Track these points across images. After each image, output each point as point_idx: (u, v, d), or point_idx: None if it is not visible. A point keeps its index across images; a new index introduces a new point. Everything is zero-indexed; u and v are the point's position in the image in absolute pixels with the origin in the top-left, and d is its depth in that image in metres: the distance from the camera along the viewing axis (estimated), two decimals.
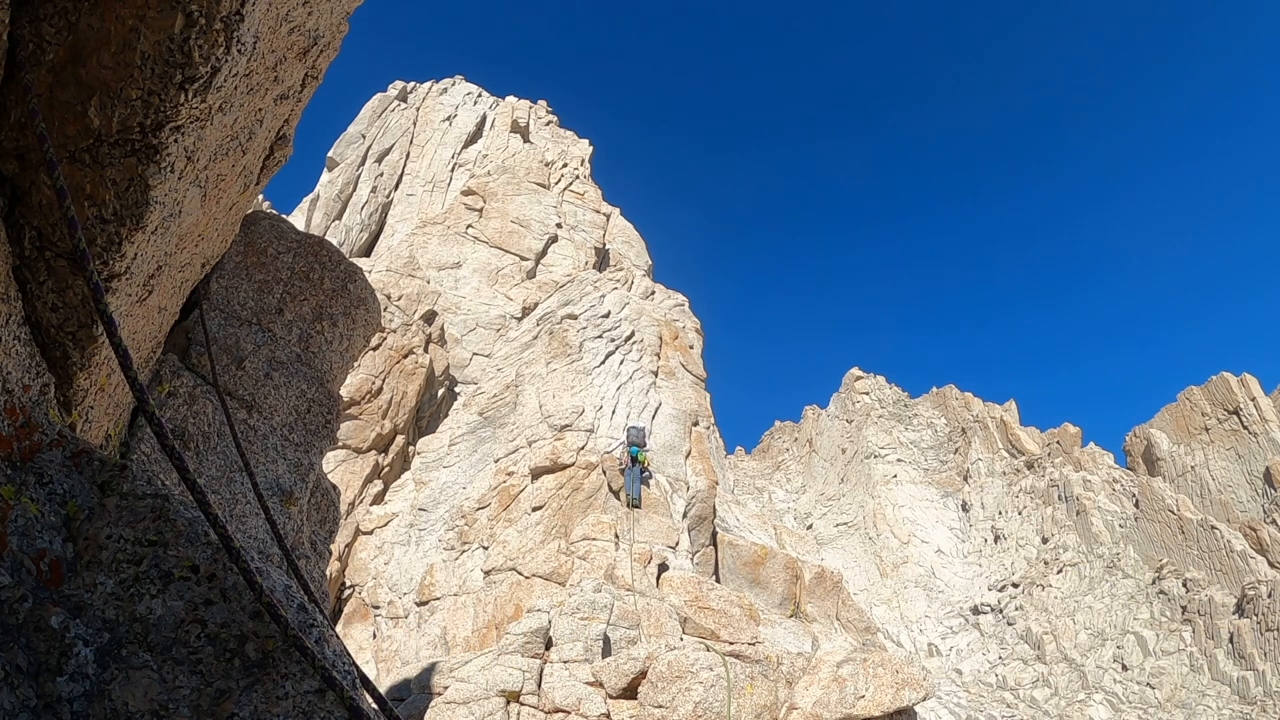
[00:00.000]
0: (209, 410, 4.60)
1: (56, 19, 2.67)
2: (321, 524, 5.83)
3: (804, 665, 11.86)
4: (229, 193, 3.82)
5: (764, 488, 59.43)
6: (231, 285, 5.40)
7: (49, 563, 2.05)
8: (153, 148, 2.81)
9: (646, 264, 37.10)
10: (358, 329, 6.15)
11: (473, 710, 10.23)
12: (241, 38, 2.81)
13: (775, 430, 72.37)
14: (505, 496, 17.03)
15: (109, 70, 2.67)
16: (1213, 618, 34.67)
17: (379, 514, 19.21)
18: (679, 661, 10.70)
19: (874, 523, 50.99)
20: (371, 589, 17.36)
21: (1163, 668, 34.22)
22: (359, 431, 19.71)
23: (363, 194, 37.31)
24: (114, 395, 3.58)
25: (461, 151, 40.87)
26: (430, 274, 28.07)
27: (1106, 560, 41.49)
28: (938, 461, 56.45)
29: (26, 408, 2.43)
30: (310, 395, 5.51)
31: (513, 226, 31.97)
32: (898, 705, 11.09)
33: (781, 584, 16.07)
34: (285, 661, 2.00)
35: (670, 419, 19.37)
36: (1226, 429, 44.62)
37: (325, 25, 3.82)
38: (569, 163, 39.10)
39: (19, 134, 2.73)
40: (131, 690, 1.87)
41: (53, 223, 2.84)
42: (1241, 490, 42.29)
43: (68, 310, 2.97)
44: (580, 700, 10.44)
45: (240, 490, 4.58)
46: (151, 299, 3.59)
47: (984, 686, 35.57)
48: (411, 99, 43.64)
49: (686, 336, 24.76)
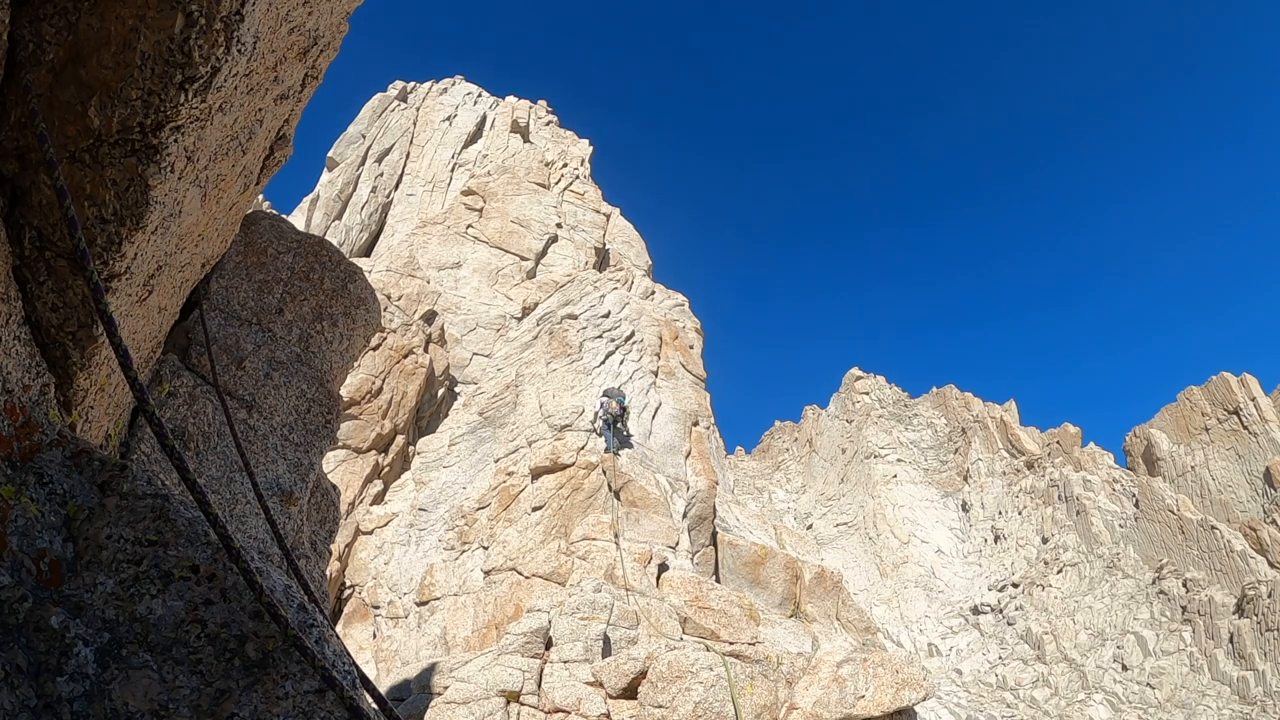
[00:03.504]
0: (209, 410, 4.60)
1: (56, 19, 2.67)
2: (321, 524, 5.83)
3: (804, 665, 11.86)
4: (229, 193, 3.82)
5: (764, 488, 59.42)
6: (231, 285, 5.40)
7: (49, 563, 2.05)
8: (153, 148, 2.81)
9: (646, 264, 37.08)
10: (358, 329, 6.15)
11: (473, 710, 10.23)
12: (241, 38, 2.81)
13: (775, 430, 72.36)
14: (505, 496, 17.03)
15: (109, 70, 2.67)
16: (1213, 618, 34.66)
17: (379, 514, 19.20)
18: (679, 661, 10.70)
19: (874, 523, 50.98)
20: (371, 589, 17.36)
21: (1163, 668, 34.21)
22: (359, 431, 19.71)
23: (363, 194, 37.30)
24: (114, 395, 3.58)
25: (461, 151, 40.86)
26: (430, 274, 28.06)
27: (1106, 560, 41.48)
28: (938, 461, 56.44)
29: (26, 408, 2.43)
30: (310, 395, 5.50)
31: (513, 226, 31.96)
32: (898, 705, 11.09)
33: (781, 584, 16.07)
34: (285, 661, 2.00)
35: (670, 419, 19.36)
36: (1226, 429, 44.62)
37: (325, 25, 3.82)
38: (569, 163, 39.08)
39: (19, 134, 2.73)
40: (131, 690, 1.87)
41: (53, 223, 2.84)
42: (1241, 490, 42.28)
43: (68, 310, 2.97)
44: (580, 700, 10.44)
45: (240, 490, 4.58)
46: (151, 299, 3.59)
47: (984, 686, 35.57)
48: (411, 99, 43.63)
49: (686, 336, 24.76)
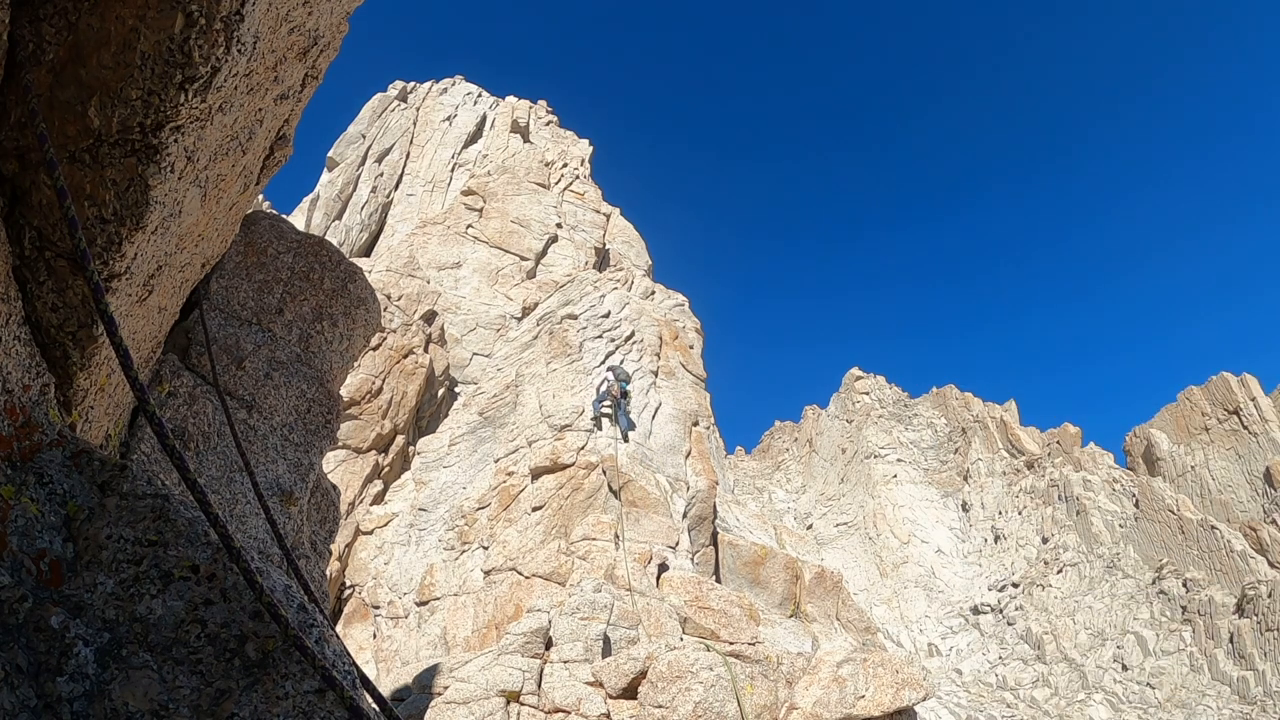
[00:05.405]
0: (209, 410, 4.60)
1: (56, 19, 2.67)
2: (321, 524, 5.83)
3: (804, 665, 11.86)
4: (229, 193, 3.82)
5: (764, 488, 59.42)
6: (231, 285, 5.40)
7: (49, 563, 2.05)
8: (153, 148, 2.81)
9: (646, 264, 37.07)
10: (358, 329, 6.15)
11: (473, 710, 10.23)
12: (241, 38, 2.81)
13: (775, 430, 72.37)
14: (505, 496, 17.03)
15: (109, 70, 2.66)
16: (1213, 618, 34.66)
17: (379, 514, 19.20)
18: (679, 661, 10.70)
19: (874, 523, 50.98)
20: (371, 589, 17.35)
21: (1163, 668, 34.22)
22: (359, 431, 19.71)
23: (363, 194, 37.30)
24: (114, 395, 3.58)
25: (461, 151, 40.85)
26: (430, 274, 28.06)
27: (1106, 560, 41.48)
28: (938, 461, 56.45)
29: (26, 408, 2.43)
30: (310, 395, 5.50)
31: (513, 226, 31.95)
32: (898, 705, 11.09)
33: (781, 584, 16.06)
34: (285, 661, 2.00)
35: (670, 419, 19.36)
36: (1226, 429, 44.63)
37: (325, 25, 3.82)
38: (569, 163, 39.07)
39: (19, 134, 2.73)
40: (131, 690, 1.87)
41: (53, 223, 2.84)
42: (1241, 490, 42.29)
43: (68, 310, 2.97)
44: (580, 700, 10.44)
45: (240, 490, 4.58)
46: (151, 299, 3.59)
47: (984, 686, 35.57)
48: (411, 99, 43.62)
49: (686, 336, 24.75)
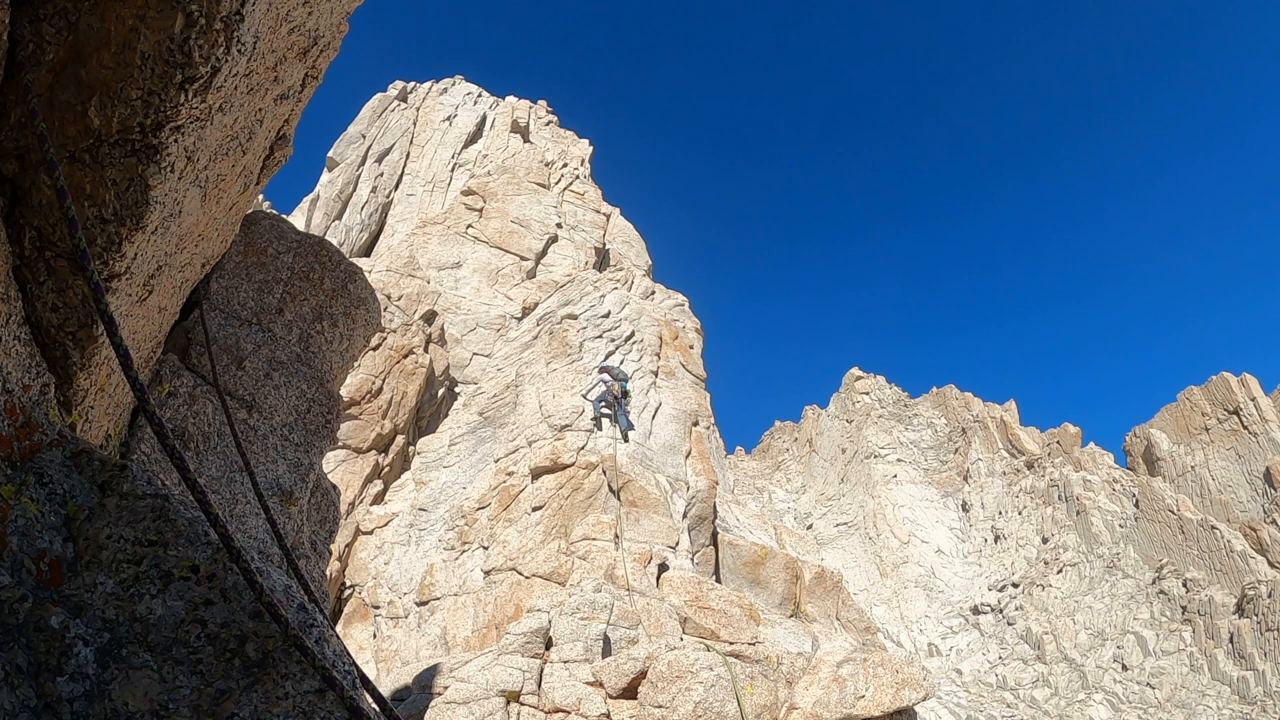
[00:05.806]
0: (209, 410, 4.60)
1: (56, 19, 2.67)
2: (321, 524, 5.83)
3: (804, 665, 11.86)
4: (229, 193, 3.82)
5: (764, 488, 59.42)
6: (231, 285, 5.40)
7: (49, 563, 2.05)
8: (153, 148, 2.81)
9: (646, 264, 37.06)
10: (358, 329, 6.15)
11: (473, 710, 10.23)
12: (241, 38, 2.81)
13: (775, 430, 72.36)
14: (505, 496, 17.03)
15: (109, 70, 2.66)
16: (1213, 618, 34.66)
17: (379, 514, 19.20)
18: (679, 661, 10.70)
19: (874, 523, 50.98)
20: (371, 589, 17.35)
21: (1163, 668, 34.21)
22: (359, 431, 19.71)
23: (363, 194, 37.30)
24: (114, 395, 3.58)
25: (461, 151, 40.85)
26: (430, 274, 28.05)
27: (1106, 560, 41.49)
28: (938, 461, 56.46)
29: (26, 407, 2.43)
30: (310, 395, 5.50)
31: (513, 226, 31.95)
32: (898, 705, 11.09)
33: (781, 584, 16.06)
34: (285, 661, 2.00)
35: (670, 419, 19.35)
36: (1226, 429, 44.63)
37: (325, 25, 3.82)
38: (569, 163, 39.07)
39: (19, 134, 2.73)
40: (131, 690, 1.87)
41: (53, 223, 2.84)
42: (1241, 490, 42.29)
43: (68, 310, 2.97)
44: (580, 700, 10.44)
45: (240, 490, 4.58)
46: (151, 299, 3.59)
47: (984, 686, 35.56)
48: (411, 99, 43.62)
49: (686, 336, 24.74)
